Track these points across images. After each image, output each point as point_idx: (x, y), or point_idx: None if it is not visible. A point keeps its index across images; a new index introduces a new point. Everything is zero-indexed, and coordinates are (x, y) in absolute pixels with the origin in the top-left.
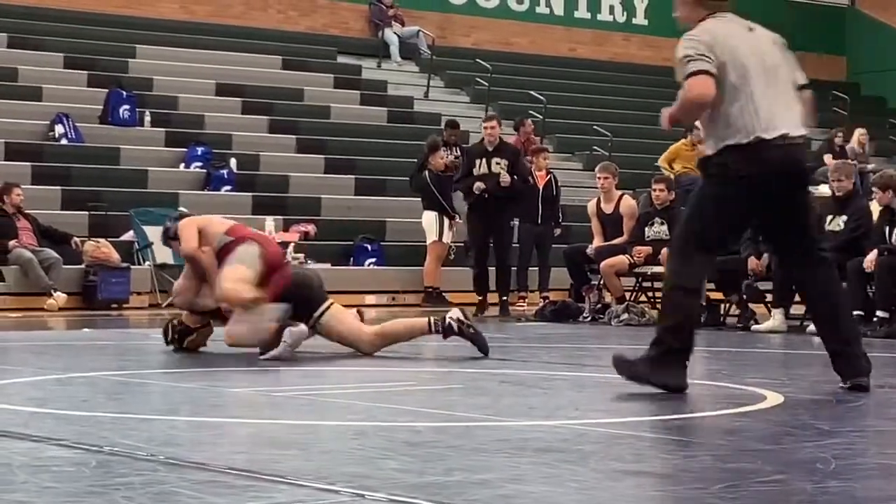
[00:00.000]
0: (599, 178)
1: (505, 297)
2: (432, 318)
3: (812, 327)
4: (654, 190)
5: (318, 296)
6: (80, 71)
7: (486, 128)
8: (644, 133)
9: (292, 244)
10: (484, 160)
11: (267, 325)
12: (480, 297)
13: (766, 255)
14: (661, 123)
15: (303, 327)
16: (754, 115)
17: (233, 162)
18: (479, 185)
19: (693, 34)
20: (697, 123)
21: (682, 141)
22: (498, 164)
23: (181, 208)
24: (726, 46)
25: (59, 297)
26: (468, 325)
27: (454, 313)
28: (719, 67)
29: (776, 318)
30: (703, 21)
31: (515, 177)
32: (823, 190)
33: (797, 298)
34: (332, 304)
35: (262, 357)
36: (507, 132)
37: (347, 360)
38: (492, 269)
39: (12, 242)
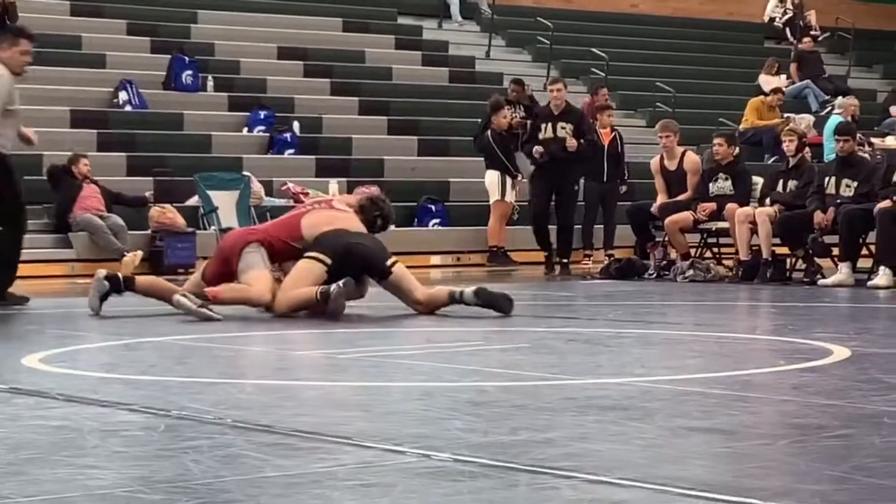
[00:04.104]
0: (661, 136)
1: (566, 260)
2: (455, 291)
3: (874, 280)
4: (714, 145)
5: (380, 256)
6: (142, 37)
7: (551, 90)
8: (707, 88)
9: None
10: (549, 124)
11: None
12: (546, 254)
13: (831, 209)
14: None
15: (349, 279)
16: None
17: (296, 125)
18: (538, 148)
19: None
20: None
21: (761, 97)
22: (563, 128)
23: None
24: None
25: (137, 255)
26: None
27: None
28: None
29: (843, 272)
30: None
31: (582, 140)
32: (890, 141)
33: (864, 252)
34: (396, 261)
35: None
36: (573, 91)
37: (413, 322)
38: (552, 228)
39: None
